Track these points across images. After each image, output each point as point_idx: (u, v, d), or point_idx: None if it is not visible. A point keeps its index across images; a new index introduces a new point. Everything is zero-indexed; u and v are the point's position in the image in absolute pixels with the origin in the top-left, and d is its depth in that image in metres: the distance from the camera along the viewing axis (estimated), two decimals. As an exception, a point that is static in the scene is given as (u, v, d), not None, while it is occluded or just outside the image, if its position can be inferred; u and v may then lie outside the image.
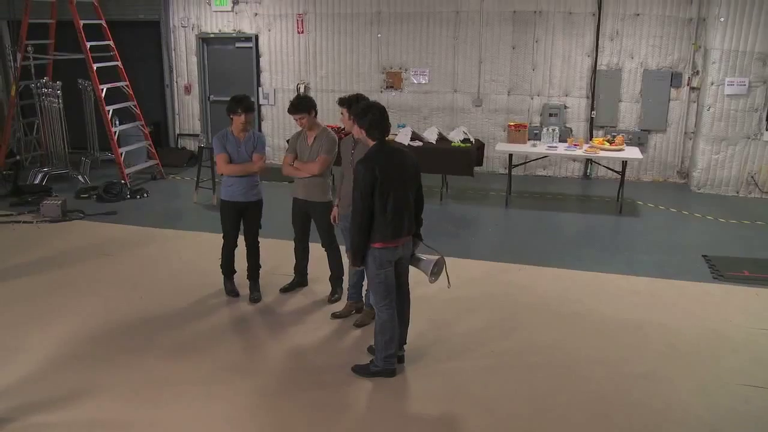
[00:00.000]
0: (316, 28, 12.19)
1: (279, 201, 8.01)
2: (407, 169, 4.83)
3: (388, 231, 4.73)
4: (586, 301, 6.55)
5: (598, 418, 4.65)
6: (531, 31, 11.42)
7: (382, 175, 4.64)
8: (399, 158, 4.83)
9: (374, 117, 4.77)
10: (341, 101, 5.81)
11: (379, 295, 4.90)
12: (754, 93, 10.33)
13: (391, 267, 4.87)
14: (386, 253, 4.79)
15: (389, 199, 4.69)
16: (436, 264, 5.03)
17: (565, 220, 9.40)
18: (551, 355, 5.50)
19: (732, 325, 6.06)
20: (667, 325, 6.04)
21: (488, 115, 11.81)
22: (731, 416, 4.69)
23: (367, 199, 4.65)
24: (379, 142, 4.81)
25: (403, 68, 11.99)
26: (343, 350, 5.56)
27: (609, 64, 11.30)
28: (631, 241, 8.44)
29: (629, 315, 6.25)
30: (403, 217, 4.79)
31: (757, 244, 8.35)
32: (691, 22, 10.89)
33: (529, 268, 7.42)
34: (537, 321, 6.13)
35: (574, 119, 11.54)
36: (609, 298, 6.63)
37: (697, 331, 5.95)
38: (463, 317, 6.11)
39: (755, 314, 6.30)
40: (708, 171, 10.79)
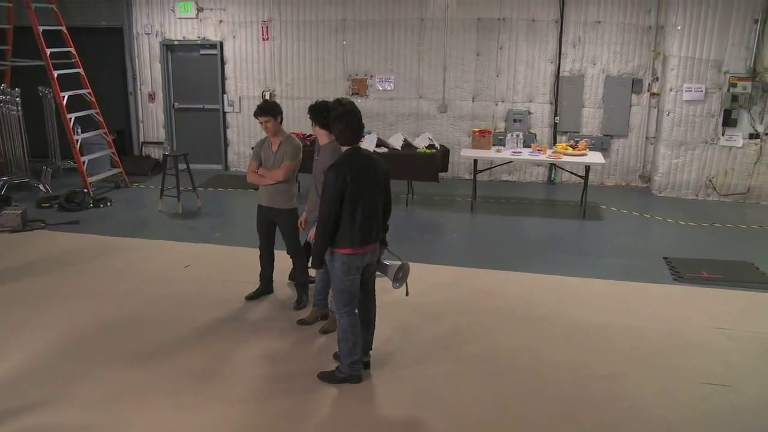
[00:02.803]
0: (281, 35, 12.16)
1: (244, 208, 7.97)
2: (378, 176, 4.80)
3: (357, 238, 4.72)
4: (551, 305, 6.62)
5: (564, 420, 4.69)
6: (495, 38, 11.53)
7: (353, 183, 4.61)
8: (371, 165, 4.80)
9: (349, 122, 4.72)
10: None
11: (341, 301, 4.88)
12: (710, 99, 10.57)
13: (358, 274, 4.86)
14: (355, 259, 4.78)
15: (359, 206, 4.67)
16: (401, 270, 5.05)
17: (530, 224, 9.49)
18: (517, 359, 5.54)
19: (692, 326, 6.17)
20: (630, 327, 6.13)
21: (453, 121, 11.89)
22: (692, 414, 4.77)
23: (335, 206, 4.62)
24: (351, 149, 4.77)
25: (369, 75, 12.03)
26: (309, 357, 5.53)
27: (572, 70, 11.47)
28: (595, 245, 8.55)
29: (594, 318, 6.33)
30: (372, 224, 4.77)
31: (714, 246, 8.53)
32: (650, 30, 11.10)
33: (495, 272, 7.47)
34: (503, 325, 6.17)
35: (538, 125, 11.67)
36: (574, 302, 6.71)
37: (659, 332, 6.05)
38: (429, 322, 6.12)
39: (713, 314, 6.43)
40: (668, 175, 11.00)
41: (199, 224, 9.27)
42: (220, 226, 9.18)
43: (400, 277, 5.05)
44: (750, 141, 10.57)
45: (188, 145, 12.12)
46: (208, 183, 11.60)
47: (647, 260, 7.93)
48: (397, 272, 5.01)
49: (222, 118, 12.68)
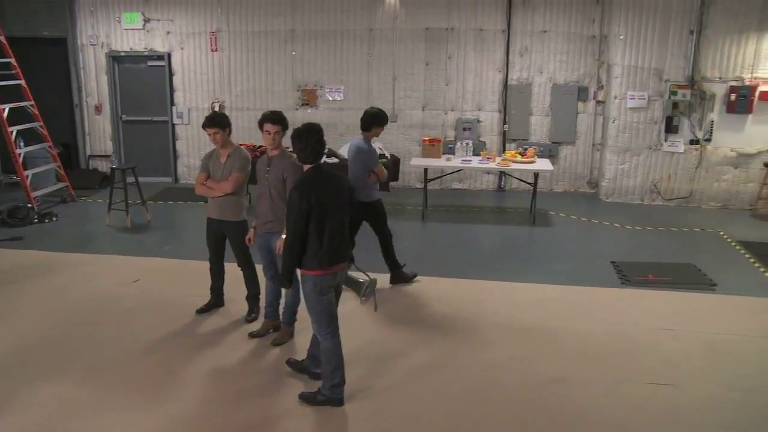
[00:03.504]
0: (229, 46, 12.08)
1: (195, 221, 7.88)
2: (342, 194, 4.73)
3: (326, 259, 4.62)
4: (502, 311, 6.70)
5: (516, 424, 4.75)
6: (443, 47, 11.66)
7: (317, 203, 4.53)
8: (334, 183, 4.72)
9: (309, 141, 4.64)
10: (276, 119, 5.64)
11: (323, 323, 4.77)
12: (653, 106, 10.87)
13: (331, 292, 4.75)
14: (326, 279, 4.67)
15: (325, 226, 4.58)
16: (368, 285, 4.99)
17: (481, 232, 9.59)
18: (469, 365, 5.59)
19: (638, 327, 6.32)
20: (579, 331, 6.25)
21: (403, 130, 11.96)
22: (640, 414, 4.88)
23: (301, 227, 4.52)
24: (313, 167, 4.69)
25: (318, 85, 12.03)
26: (261, 370, 5.49)
27: (519, 79, 11.65)
28: (544, 251, 8.69)
29: (544, 322, 6.43)
30: (340, 243, 4.69)
31: (660, 249, 8.76)
32: (594, 39, 11.36)
33: (446, 280, 7.52)
34: (454, 332, 6.21)
35: (487, 133, 11.82)
36: (524, 307, 6.80)
37: (607, 334, 6.18)
38: (379, 332, 6.13)
39: (658, 315, 6.60)
40: (615, 180, 11.25)
41: (148, 238, 9.12)
42: (170, 240, 9.04)
43: (368, 292, 5.01)
44: (691, 147, 10.89)
45: (137, 158, 11.94)
46: (158, 196, 11.43)
47: (595, 265, 8.09)
48: (365, 288, 4.97)
49: (171, 130, 12.52)
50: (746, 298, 7.12)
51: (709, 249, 8.83)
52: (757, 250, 8.71)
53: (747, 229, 9.77)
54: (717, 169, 10.94)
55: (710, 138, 10.82)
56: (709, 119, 10.76)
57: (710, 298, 7.14)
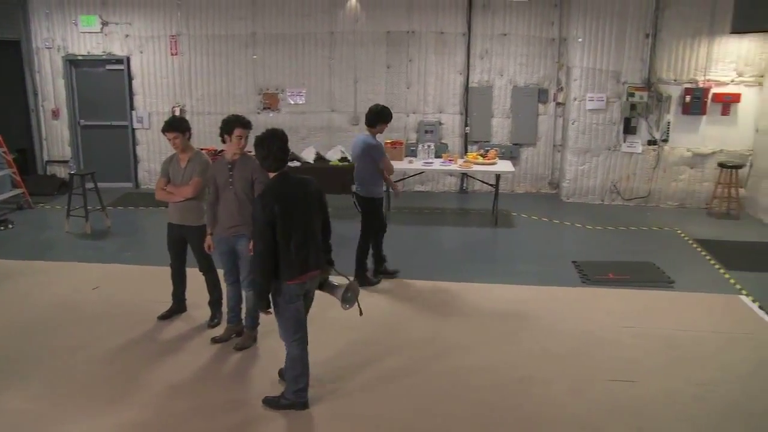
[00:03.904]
0: (190, 50, 11.96)
1: (156, 226, 7.78)
2: (310, 200, 4.63)
3: (295, 268, 4.54)
4: (467, 312, 6.74)
5: (480, 423, 4.78)
6: (405, 50, 11.70)
7: (282, 212, 4.42)
8: (300, 189, 4.61)
9: (271, 148, 4.52)
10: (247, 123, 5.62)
11: (290, 330, 4.70)
12: (611, 108, 11.07)
13: (300, 300, 4.68)
14: (294, 287, 4.60)
15: (293, 234, 4.49)
16: (349, 289, 4.91)
17: (444, 234, 9.65)
18: (434, 367, 5.61)
19: (599, 326, 6.41)
20: (542, 330, 6.32)
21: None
22: (601, 411, 4.95)
23: (266, 239, 4.42)
24: (278, 175, 4.59)
25: (280, 89, 11.97)
26: (224, 376, 5.44)
27: (480, 81, 11.75)
28: (506, 252, 8.77)
29: (508, 323, 6.49)
30: (309, 252, 4.59)
31: (619, 248, 8.91)
32: (553, 42, 11.52)
33: (409, 282, 7.55)
34: (419, 334, 6.24)
35: (449, 135, 11.89)
36: (488, 308, 6.85)
37: (569, 333, 6.26)
38: (345, 335, 6.12)
39: (619, 314, 6.71)
40: (575, 181, 11.41)
41: (108, 244, 8.97)
42: (130, 246, 8.91)
43: (349, 297, 4.92)
44: (648, 147, 11.10)
45: (96, 163, 11.73)
46: (118, 202, 11.25)
47: (557, 265, 8.19)
48: (345, 292, 4.88)
49: (131, 135, 12.34)
50: (703, 294, 7.28)
51: (668, 247, 9.01)
52: (713, 248, 8.91)
53: (703, 228, 9.99)
54: (674, 169, 11.17)
55: (667, 139, 11.06)
56: (666, 120, 10.99)
57: (669, 296, 7.29)
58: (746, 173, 10.92)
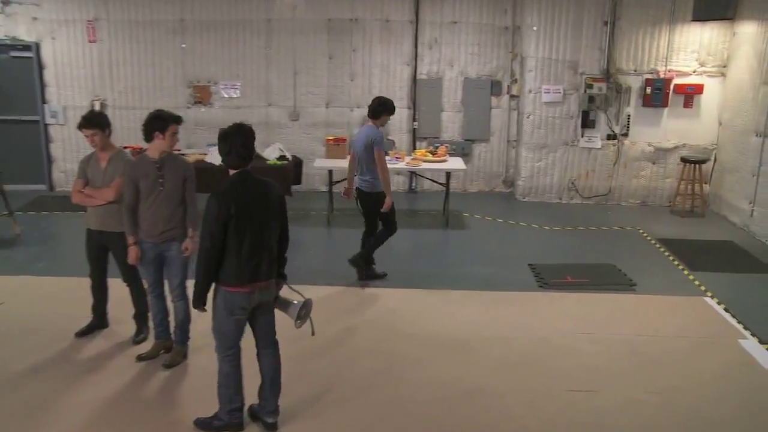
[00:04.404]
0: (110, 37, 11.72)
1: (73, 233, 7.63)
2: (270, 205, 4.61)
3: (244, 274, 4.51)
4: (415, 320, 6.80)
5: (430, 440, 4.84)
6: (348, 39, 11.74)
7: (238, 212, 4.41)
8: (261, 191, 4.58)
9: (234, 144, 4.50)
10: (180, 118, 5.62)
11: (224, 344, 4.68)
12: (568, 100, 11.31)
13: (243, 315, 4.64)
14: (239, 298, 4.56)
15: (245, 238, 4.46)
16: (303, 307, 4.89)
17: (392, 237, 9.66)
18: (380, 380, 5.65)
19: (557, 332, 6.55)
20: (496, 338, 6.42)
21: (306, 129, 11.97)
22: (558, 423, 5.07)
23: (217, 239, 4.39)
24: (238, 173, 4.56)
25: (212, 81, 11.86)
26: (151, 396, 5.37)
27: (429, 73, 11.87)
28: (458, 255, 8.87)
29: (459, 331, 6.57)
30: (261, 259, 4.56)
31: (578, 250, 9.13)
32: (507, 31, 11.71)
33: (355, 290, 7.60)
34: (364, 345, 6.28)
35: (396, 131, 11.97)
36: (439, 315, 6.94)
37: (524, 341, 6.37)
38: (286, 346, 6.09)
39: (577, 319, 6.87)
40: (531, 179, 11.62)
41: (17, 254, 8.75)
42: (43, 255, 8.70)
43: (303, 315, 4.91)
44: (608, 142, 11.38)
45: (2, 163, 11.40)
46: (29, 206, 10.98)
47: (512, 268, 8.34)
48: (300, 310, 4.87)
49: (43, 132, 12.04)
50: (666, 297, 7.50)
51: (629, 248, 9.26)
52: (676, 247, 9.19)
53: (666, 226, 10.30)
54: (635, 165, 11.48)
55: (627, 133, 11.36)
56: (626, 113, 11.29)
57: (630, 299, 7.49)
58: (710, 168, 11.28)
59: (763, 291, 7.84)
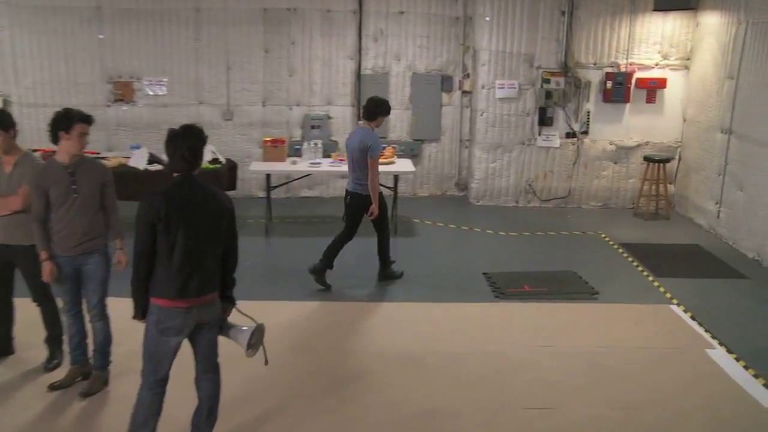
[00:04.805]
0: (13, 25, 11.33)
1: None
2: (211, 216, 4.51)
3: (173, 287, 4.41)
4: (362, 336, 6.78)
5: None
6: (285, 31, 11.66)
7: (168, 215, 4.34)
8: (203, 200, 4.50)
9: (180, 147, 4.44)
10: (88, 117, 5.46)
11: (148, 368, 4.55)
12: (524, 96, 11.42)
13: (178, 338, 4.51)
14: (171, 315, 4.44)
15: (176, 247, 4.38)
16: (255, 333, 4.77)
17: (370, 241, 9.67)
18: (325, 402, 5.60)
19: (514, 346, 6.59)
20: (449, 354, 6.42)
21: (241, 129, 11.84)
22: (516, 445, 5.08)
23: (145, 242, 4.34)
24: (181, 176, 4.49)
25: (135, 77, 11.64)
26: (66, 430, 5.22)
27: (374, 67, 11.86)
28: (408, 264, 8.83)
29: (409, 346, 6.56)
30: (194, 272, 4.45)
31: (536, 257, 9.22)
32: (458, 21, 11.79)
33: (296, 304, 7.53)
34: (307, 363, 6.22)
35: (339, 131, 11.92)
36: (388, 330, 6.92)
37: (480, 356, 6.39)
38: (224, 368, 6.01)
39: (536, 331, 6.92)
40: (486, 181, 11.70)
41: None
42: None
43: (255, 342, 4.79)
44: (567, 140, 11.52)
45: None
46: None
47: (465, 278, 8.37)
48: (250, 337, 4.74)
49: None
50: (629, 305, 7.61)
51: (591, 254, 9.38)
52: (641, 252, 9.34)
53: (629, 230, 10.47)
54: (596, 165, 11.65)
55: (587, 130, 11.53)
56: (585, 110, 11.45)
57: (592, 308, 7.58)
58: (674, 168, 11.51)
59: (731, 297, 8.02)
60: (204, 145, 4.62)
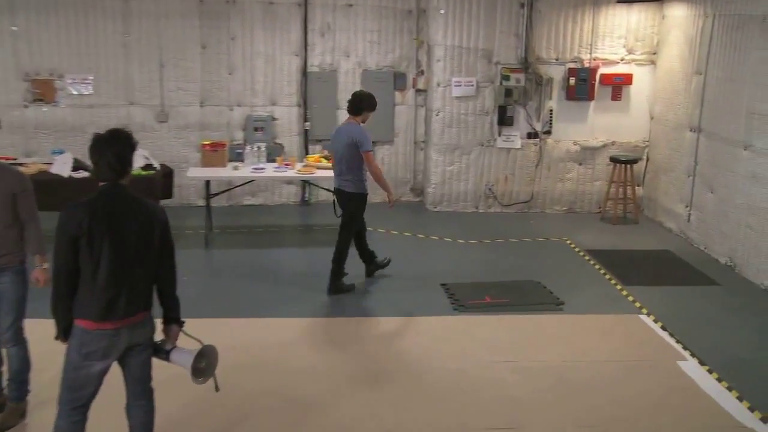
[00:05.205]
0: None
1: None
2: (141, 228, 4.41)
3: (97, 308, 4.31)
4: (312, 354, 6.78)
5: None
6: (224, 25, 11.61)
7: (92, 229, 4.23)
8: (130, 211, 4.40)
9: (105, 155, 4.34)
10: None
11: (65, 396, 4.45)
12: (483, 94, 11.54)
13: (105, 362, 4.41)
14: (96, 337, 4.34)
15: (101, 264, 4.28)
16: (202, 357, 4.64)
17: (282, 257, 9.64)
18: (271, 426, 5.59)
19: (475, 362, 6.64)
20: (406, 371, 6.45)
21: (177, 132, 11.75)
22: (478, 468, 5.13)
23: (65, 257, 4.24)
24: (108, 185, 4.40)
25: (57, 75, 11.47)
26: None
27: (321, 64, 11.88)
28: (361, 276, 8.87)
29: (362, 364, 6.58)
30: (121, 291, 4.36)
31: (498, 266, 9.30)
32: (411, 14, 11.87)
33: (238, 321, 7.50)
34: (252, 384, 6.19)
35: (285, 133, 11.93)
36: (337, 347, 6.93)
37: (438, 373, 6.42)
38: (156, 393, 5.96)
39: (498, 345, 6.99)
40: (443, 186, 11.78)
41: None
42: None
43: (204, 368, 4.66)
44: (529, 141, 11.66)
45: None
46: None
47: (423, 289, 8.42)
48: (197, 360, 4.61)
49: None
50: (596, 316, 7.74)
51: (555, 261, 9.51)
52: (608, 259, 9.49)
53: (596, 236, 10.63)
54: (560, 167, 11.81)
55: (550, 130, 11.69)
56: (548, 108, 11.61)
57: (557, 320, 7.68)
58: (642, 169, 11.72)
59: (703, 305, 8.18)
60: (133, 152, 4.54)
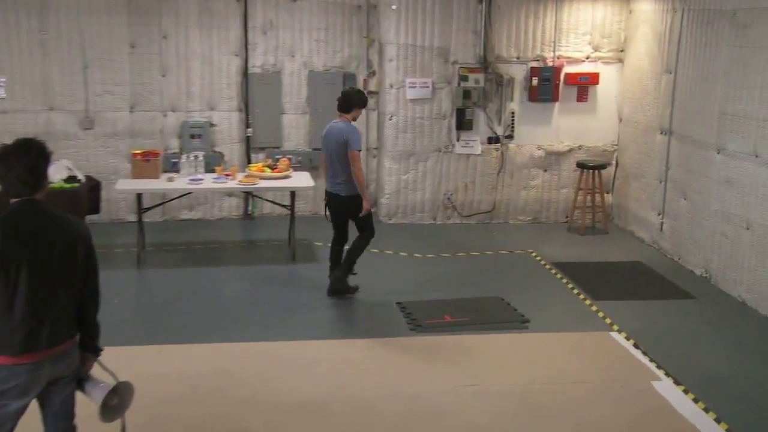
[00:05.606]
0: None
1: None
2: (62, 248, 4.31)
3: (15, 341, 4.19)
4: (256, 382, 6.70)
5: None
6: (156, 23, 11.51)
7: (5, 254, 4.12)
8: (49, 230, 4.31)
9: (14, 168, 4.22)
10: None
11: None
12: (439, 96, 11.58)
13: (23, 400, 4.30)
14: (15, 373, 4.22)
15: (18, 292, 4.17)
16: (115, 393, 4.54)
17: (223, 276, 9.56)
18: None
19: (433, 387, 6.63)
20: (358, 399, 6.42)
21: (104, 140, 11.60)
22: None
23: None
24: (20, 203, 4.28)
25: (-37, 77, 11.31)
26: None
27: (264, 65, 11.84)
28: (309, 295, 8.83)
29: (311, 391, 6.53)
30: (44, 321, 4.25)
31: (458, 282, 9.33)
32: (360, 11, 11.89)
33: (175, 348, 7.42)
34: (189, 416, 6.13)
35: (225, 141, 11.86)
36: (284, 373, 6.87)
37: (394, 400, 6.40)
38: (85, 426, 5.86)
39: (458, 369, 6.98)
40: (398, 196, 11.79)
41: None
42: None
43: (115, 406, 4.56)
44: (490, 146, 11.72)
45: None
46: None
47: (376, 309, 8.42)
48: (109, 397, 4.51)
49: None
50: (564, 334, 7.79)
51: (520, 276, 9.57)
52: (576, 273, 9.57)
53: (563, 247, 10.73)
54: (524, 174, 11.90)
55: (512, 134, 11.78)
56: (509, 110, 11.69)
57: (522, 339, 7.71)
58: (611, 174, 11.84)
59: (678, 320, 8.27)
60: (48, 163, 4.41)
